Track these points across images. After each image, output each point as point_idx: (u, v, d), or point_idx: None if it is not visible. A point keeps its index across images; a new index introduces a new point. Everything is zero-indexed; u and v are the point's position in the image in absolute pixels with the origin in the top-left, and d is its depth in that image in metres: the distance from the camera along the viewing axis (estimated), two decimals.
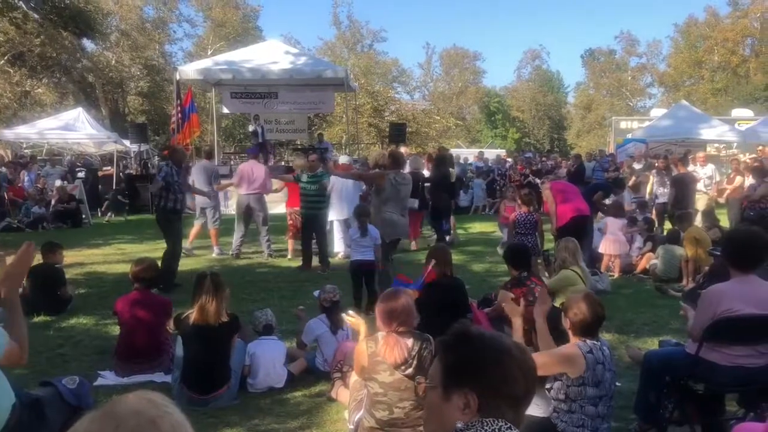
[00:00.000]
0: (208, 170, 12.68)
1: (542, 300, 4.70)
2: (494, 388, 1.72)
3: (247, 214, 12.11)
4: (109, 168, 21.85)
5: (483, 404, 1.70)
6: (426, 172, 13.96)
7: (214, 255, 12.26)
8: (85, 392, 3.99)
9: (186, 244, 11.94)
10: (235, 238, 12.22)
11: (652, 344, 6.48)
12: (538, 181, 18.58)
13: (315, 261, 11.00)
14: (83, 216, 17.97)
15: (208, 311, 5.20)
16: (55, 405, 3.74)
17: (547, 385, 4.10)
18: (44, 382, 4.04)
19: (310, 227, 10.98)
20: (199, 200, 12.55)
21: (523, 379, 1.75)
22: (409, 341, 4.18)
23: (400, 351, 4.11)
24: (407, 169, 11.56)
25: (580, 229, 8.44)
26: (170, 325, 5.73)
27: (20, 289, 7.68)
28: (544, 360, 4.00)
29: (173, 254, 9.50)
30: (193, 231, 12.64)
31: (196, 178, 12.42)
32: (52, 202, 17.83)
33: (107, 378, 5.83)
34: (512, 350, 1.77)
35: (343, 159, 15.34)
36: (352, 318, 4.92)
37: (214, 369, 5.27)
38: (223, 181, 13.82)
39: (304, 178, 10.95)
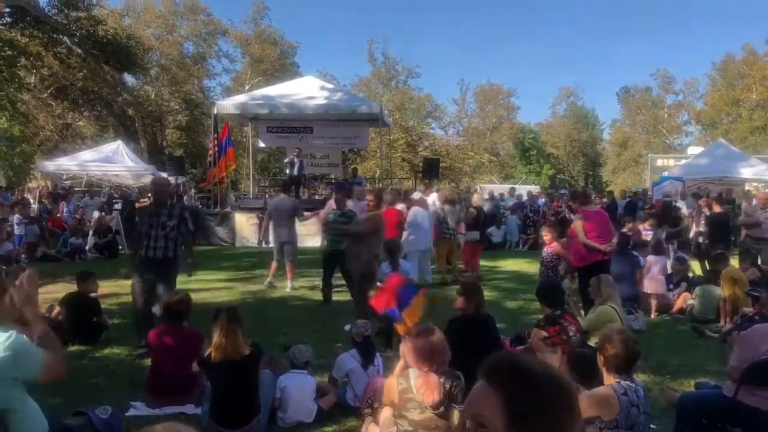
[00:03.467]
0: (288, 206, 12.55)
1: None
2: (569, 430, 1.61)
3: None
4: (145, 200, 22.14)
5: None
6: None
7: (287, 289, 12.13)
8: (116, 422, 4.02)
9: (269, 277, 12.43)
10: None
11: (688, 386, 6.34)
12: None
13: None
14: (119, 247, 18.20)
15: (225, 348, 5.19)
16: None
17: None
18: (77, 412, 4.08)
19: (335, 264, 10.84)
20: (280, 235, 12.32)
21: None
22: (442, 379, 4.15)
23: (438, 392, 4.08)
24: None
25: (598, 272, 8.33)
26: (195, 367, 5.72)
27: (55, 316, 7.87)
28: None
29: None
30: (274, 266, 12.49)
31: (276, 213, 12.35)
32: (90, 232, 18.10)
33: (139, 409, 5.85)
34: (573, 388, 1.66)
35: (416, 194, 15.44)
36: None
37: (243, 402, 5.27)
38: (307, 214, 13.84)
39: (331, 216, 10.95)
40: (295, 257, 12.45)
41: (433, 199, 14.79)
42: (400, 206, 12.81)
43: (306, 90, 21.70)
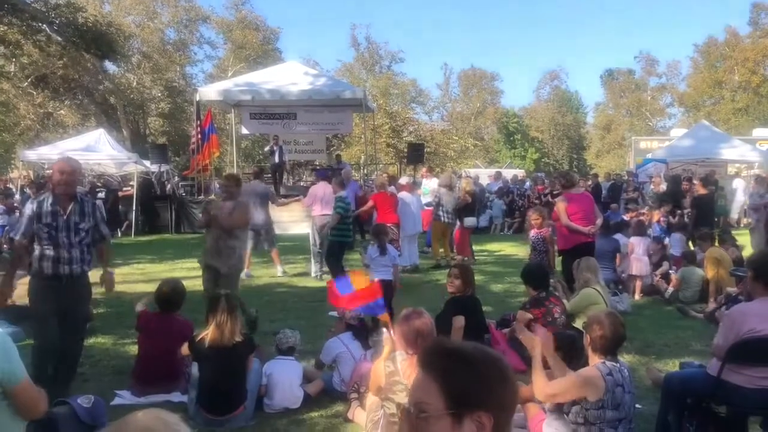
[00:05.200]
0: (261, 191, 12.40)
1: (546, 347, 4.54)
2: (505, 405, 1.64)
3: (322, 235, 12.05)
4: (129, 189, 22.00)
5: (497, 424, 1.61)
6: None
7: (279, 274, 12.12)
8: (100, 411, 3.98)
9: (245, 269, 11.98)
10: (317, 260, 12.06)
11: (673, 366, 6.40)
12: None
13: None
14: None
15: (223, 331, 5.20)
16: (70, 424, 3.73)
17: (565, 409, 4.05)
18: (59, 401, 4.04)
19: (341, 254, 11.14)
20: (254, 221, 12.04)
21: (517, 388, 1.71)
22: None
23: None
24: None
25: (582, 254, 8.40)
26: (184, 350, 5.67)
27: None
28: (565, 385, 3.96)
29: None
30: (247, 255, 12.00)
31: (249, 200, 12.17)
32: None
33: (124, 397, 5.82)
34: (504, 361, 1.69)
35: (403, 180, 15.49)
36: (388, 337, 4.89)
37: (230, 389, 5.25)
38: (283, 200, 13.82)
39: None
40: (275, 241, 12.40)
41: (434, 184, 14.81)
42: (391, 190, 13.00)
43: (289, 76, 21.59)
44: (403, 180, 15.22)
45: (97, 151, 21.90)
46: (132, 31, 43.21)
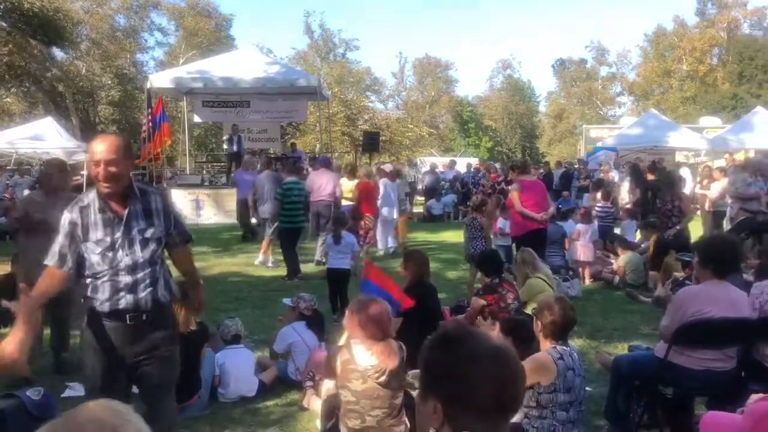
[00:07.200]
0: (273, 180, 12.28)
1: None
2: (455, 398, 1.62)
3: (318, 220, 12.16)
4: (78, 178, 21.54)
5: (447, 413, 1.62)
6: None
7: (257, 263, 12.00)
8: (49, 404, 3.93)
9: (260, 257, 12.04)
10: (319, 244, 12.05)
11: (622, 349, 6.53)
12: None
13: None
14: None
15: (177, 320, 5.15)
16: (19, 417, 3.68)
17: None
18: (8, 394, 3.97)
19: (290, 237, 11.11)
20: (263, 211, 12.14)
21: (493, 389, 1.59)
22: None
23: (398, 358, 4.08)
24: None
25: (535, 240, 8.57)
26: None
27: None
28: None
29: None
30: (266, 244, 12.14)
31: (263, 189, 12.12)
32: None
33: (75, 389, 5.72)
34: (485, 358, 1.61)
35: (388, 166, 15.57)
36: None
37: (184, 379, 5.20)
38: None
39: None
40: (275, 234, 12.33)
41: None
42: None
43: (242, 63, 21.32)
44: (387, 167, 15.34)
45: (46, 140, 21.45)
46: (80, 17, 42.32)
